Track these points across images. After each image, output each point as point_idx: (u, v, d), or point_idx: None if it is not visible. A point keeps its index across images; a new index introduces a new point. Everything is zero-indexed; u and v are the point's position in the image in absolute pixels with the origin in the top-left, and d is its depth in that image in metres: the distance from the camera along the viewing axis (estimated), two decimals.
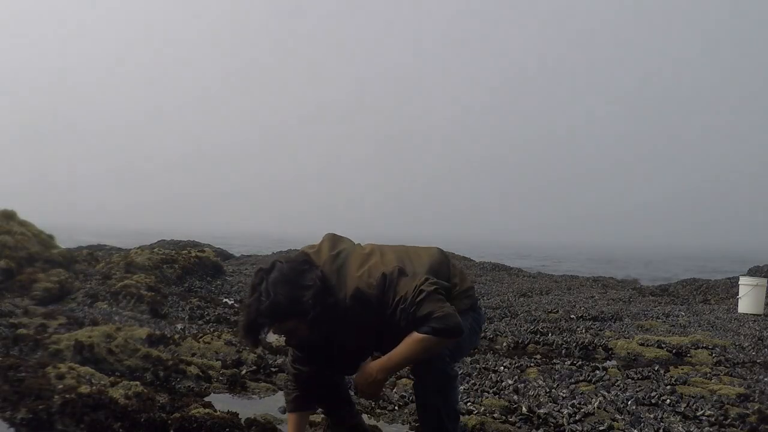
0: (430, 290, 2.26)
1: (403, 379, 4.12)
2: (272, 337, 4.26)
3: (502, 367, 4.65)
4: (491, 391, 3.93)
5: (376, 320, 2.34)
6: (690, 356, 5.46)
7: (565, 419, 3.40)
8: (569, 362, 4.90)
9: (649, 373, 4.56)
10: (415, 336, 2.25)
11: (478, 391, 3.93)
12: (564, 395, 3.89)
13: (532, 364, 4.79)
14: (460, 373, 4.30)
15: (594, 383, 4.24)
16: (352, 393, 3.16)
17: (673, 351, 5.56)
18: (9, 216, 8.53)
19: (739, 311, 8.97)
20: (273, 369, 4.36)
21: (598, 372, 4.56)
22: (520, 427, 3.35)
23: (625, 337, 6.12)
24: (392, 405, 3.65)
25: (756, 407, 3.70)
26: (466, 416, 3.32)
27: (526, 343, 5.87)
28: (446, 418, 2.45)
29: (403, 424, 3.42)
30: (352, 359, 2.54)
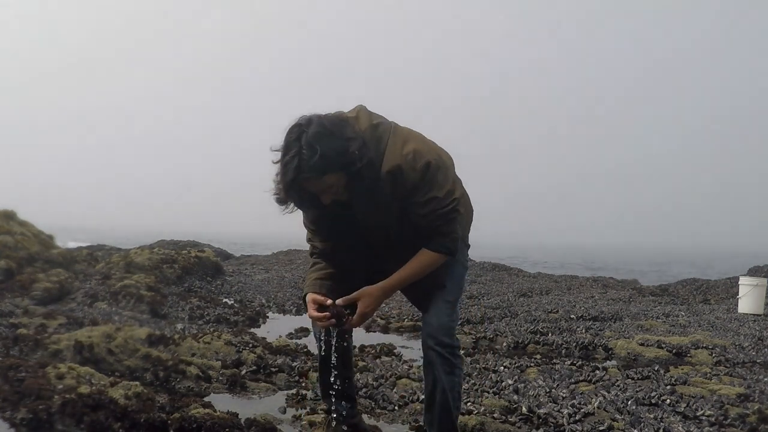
0: (460, 210, 2.35)
1: (404, 379, 4.12)
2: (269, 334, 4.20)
3: (502, 367, 4.65)
4: (491, 391, 3.93)
5: (395, 205, 2.31)
6: (690, 356, 5.47)
7: (565, 419, 3.40)
8: (569, 362, 4.91)
9: (649, 373, 4.57)
10: (427, 254, 2.33)
11: (478, 391, 3.92)
12: (564, 395, 3.89)
13: (532, 364, 4.79)
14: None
15: (594, 383, 4.24)
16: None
17: (673, 351, 5.56)
18: (9, 216, 8.54)
19: (739, 311, 8.97)
20: (273, 369, 4.37)
21: (598, 372, 4.56)
22: (520, 427, 3.35)
23: (625, 337, 6.12)
24: (392, 405, 3.65)
25: (756, 407, 3.70)
26: (466, 416, 3.32)
27: (526, 343, 5.87)
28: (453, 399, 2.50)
29: (403, 424, 3.42)
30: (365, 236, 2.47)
